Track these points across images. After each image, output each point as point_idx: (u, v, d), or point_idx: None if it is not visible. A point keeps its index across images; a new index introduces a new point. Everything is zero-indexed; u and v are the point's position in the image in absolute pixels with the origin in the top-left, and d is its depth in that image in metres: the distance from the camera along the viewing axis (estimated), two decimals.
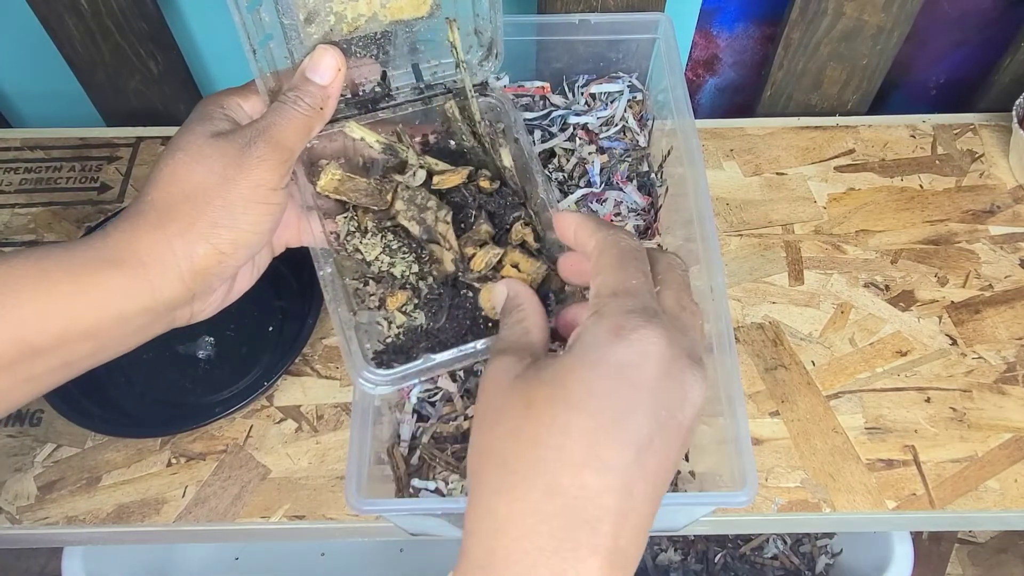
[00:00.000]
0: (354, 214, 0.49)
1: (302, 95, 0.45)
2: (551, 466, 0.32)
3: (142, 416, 0.66)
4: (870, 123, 0.81)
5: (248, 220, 0.42)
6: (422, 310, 0.47)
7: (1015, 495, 0.61)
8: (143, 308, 0.41)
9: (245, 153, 0.42)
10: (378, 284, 0.47)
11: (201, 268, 0.42)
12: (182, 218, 0.41)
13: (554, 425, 0.33)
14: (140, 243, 0.41)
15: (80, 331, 0.40)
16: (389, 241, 0.48)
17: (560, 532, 0.32)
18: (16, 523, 0.60)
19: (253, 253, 0.45)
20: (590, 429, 0.32)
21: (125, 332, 0.42)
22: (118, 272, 0.40)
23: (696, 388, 0.35)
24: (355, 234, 0.48)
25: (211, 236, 0.42)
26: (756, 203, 0.76)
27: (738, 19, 0.80)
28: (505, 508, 0.33)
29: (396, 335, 0.46)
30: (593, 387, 0.33)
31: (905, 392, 0.66)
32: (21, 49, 0.79)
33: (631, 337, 0.34)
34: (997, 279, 0.71)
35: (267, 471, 0.62)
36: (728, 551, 1.01)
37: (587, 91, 0.74)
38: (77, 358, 0.41)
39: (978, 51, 0.83)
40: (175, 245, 0.41)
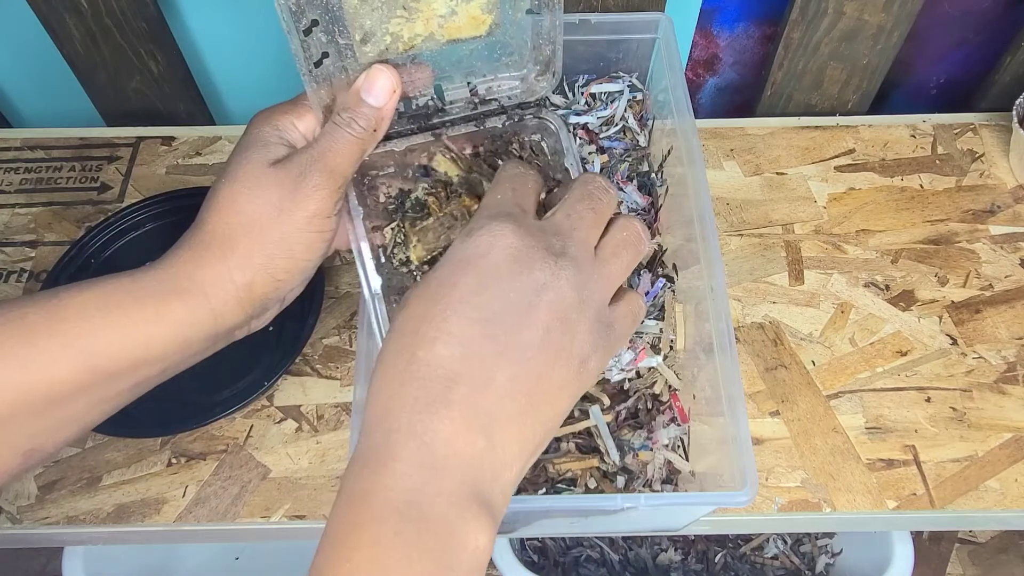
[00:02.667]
0: (401, 226, 0.49)
1: (356, 117, 0.45)
2: (411, 343, 0.38)
3: (142, 416, 0.65)
4: (870, 123, 0.81)
5: (302, 249, 0.45)
6: None
7: (1015, 495, 0.61)
8: (206, 335, 0.44)
9: (300, 184, 0.43)
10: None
11: (259, 295, 0.45)
12: (241, 250, 0.43)
13: (413, 313, 0.38)
14: (203, 274, 0.43)
15: (149, 357, 0.42)
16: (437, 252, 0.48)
17: (418, 392, 0.36)
18: (16, 523, 0.60)
19: (307, 276, 0.47)
20: (439, 310, 0.38)
21: (189, 355, 0.45)
22: (183, 302, 0.43)
23: (546, 276, 0.38)
24: (401, 246, 0.49)
25: (268, 266, 0.44)
26: (756, 203, 0.76)
27: (738, 19, 0.80)
28: (380, 381, 0.38)
29: None
30: (443, 278, 0.39)
31: (905, 392, 0.66)
32: (21, 49, 0.79)
33: (477, 234, 0.39)
34: (997, 279, 0.71)
35: (267, 471, 0.62)
36: (728, 551, 1.01)
37: (587, 91, 0.74)
38: (145, 379, 0.44)
39: (978, 51, 0.83)
40: (235, 276, 0.44)
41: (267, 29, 0.77)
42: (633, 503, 0.50)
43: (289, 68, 0.80)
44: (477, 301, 0.37)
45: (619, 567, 1.00)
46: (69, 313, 0.40)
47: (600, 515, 0.59)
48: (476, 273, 0.38)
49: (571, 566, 1.01)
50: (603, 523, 0.65)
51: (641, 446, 0.60)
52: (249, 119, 0.48)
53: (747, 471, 0.49)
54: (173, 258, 0.44)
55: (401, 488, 0.35)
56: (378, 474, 0.35)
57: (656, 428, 0.60)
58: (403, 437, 0.36)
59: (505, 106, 0.52)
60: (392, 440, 0.36)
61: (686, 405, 0.60)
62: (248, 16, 0.77)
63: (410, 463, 0.35)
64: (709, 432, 0.56)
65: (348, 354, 0.67)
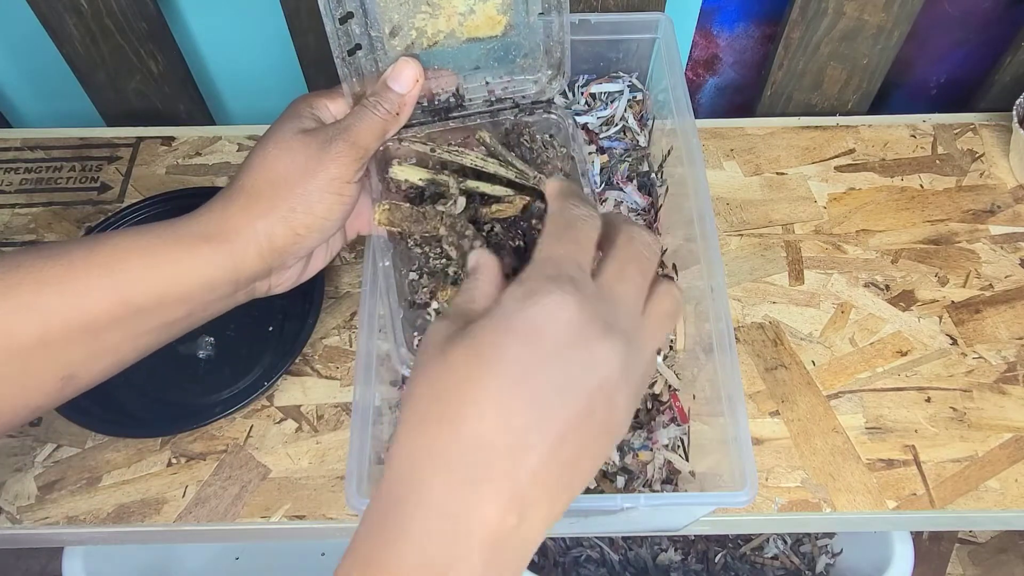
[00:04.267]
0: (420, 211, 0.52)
1: (382, 101, 0.50)
2: (451, 404, 0.35)
3: (142, 416, 0.66)
4: (870, 123, 0.81)
5: (323, 208, 0.48)
6: None
7: (1015, 495, 0.61)
8: (227, 279, 0.48)
9: (325, 149, 0.48)
10: (431, 278, 0.52)
11: (279, 247, 0.48)
12: (265, 202, 0.47)
13: (455, 368, 0.35)
14: (228, 223, 0.47)
15: (176, 295, 0.46)
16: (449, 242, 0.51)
17: (455, 462, 0.34)
18: (16, 523, 0.60)
19: (325, 237, 0.50)
20: (485, 377, 0.35)
21: (212, 299, 0.48)
22: (208, 246, 0.47)
23: (603, 355, 0.36)
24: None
25: (289, 219, 0.48)
26: (756, 203, 0.76)
27: (738, 19, 0.80)
28: (412, 436, 0.36)
29: None
30: (494, 340, 0.35)
31: (905, 392, 0.66)
32: (21, 49, 0.79)
33: (541, 301, 0.36)
34: (997, 279, 0.71)
35: (267, 471, 0.62)
36: (728, 551, 1.01)
37: (587, 91, 0.74)
38: (174, 319, 0.48)
39: (978, 50, 0.83)
40: (257, 225, 0.47)
41: (267, 29, 0.77)
42: (633, 503, 0.50)
43: (289, 68, 0.81)
44: (528, 374, 0.35)
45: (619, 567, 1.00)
46: (106, 250, 0.45)
47: (600, 515, 0.59)
48: (531, 345, 0.35)
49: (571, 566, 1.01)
50: (603, 523, 0.65)
51: (641, 446, 0.60)
52: (248, 119, 0.51)
53: (747, 471, 0.49)
54: (204, 209, 0.48)
55: (418, 563, 0.33)
56: (398, 543, 0.34)
57: (656, 428, 0.60)
58: (433, 513, 0.34)
59: (519, 104, 0.56)
60: (418, 511, 0.34)
61: (686, 405, 0.60)
62: (248, 16, 0.77)
63: (436, 537, 0.34)
64: (709, 432, 0.56)
65: (348, 354, 0.67)
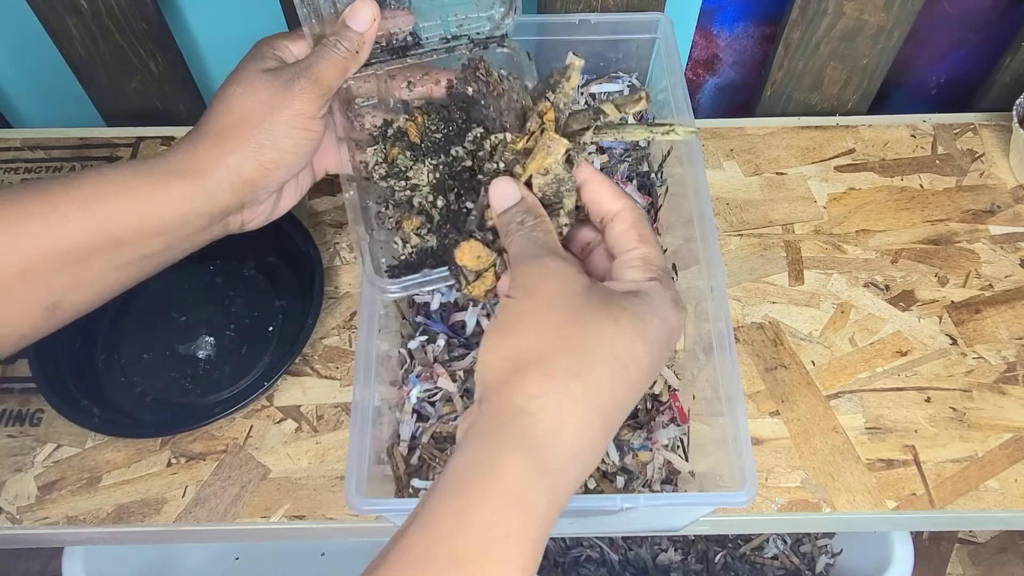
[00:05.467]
0: (383, 147, 0.54)
1: (341, 39, 0.51)
2: (615, 368, 0.38)
3: (142, 416, 0.66)
4: (870, 123, 0.81)
5: (289, 143, 0.50)
6: (434, 233, 0.52)
7: (1015, 495, 0.61)
8: (201, 212, 0.49)
9: (289, 87, 0.49)
10: (396, 208, 0.53)
11: (249, 180, 0.50)
12: (234, 139, 0.49)
13: (632, 345, 0.39)
14: (200, 159, 0.49)
15: (152, 228, 0.48)
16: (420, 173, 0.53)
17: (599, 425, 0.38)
18: (16, 523, 0.60)
19: (294, 172, 0.52)
20: (649, 363, 0.39)
21: (188, 232, 0.50)
22: (181, 181, 0.48)
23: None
24: (383, 164, 0.54)
25: (258, 154, 0.49)
26: (756, 203, 0.76)
27: (738, 19, 0.80)
28: (576, 386, 0.37)
29: (409, 254, 0.52)
30: (658, 335, 0.40)
31: (905, 392, 0.66)
32: (21, 49, 0.79)
33: (680, 311, 0.42)
34: (997, 279, 0.71)
35: (267, 471, 0.62)
36: (728, 551, 1.01)
37: (587, 91, 0.74)
38: (152, 252, 0.49)
39: (978, 50, 0.83)
40: (228, 160, 0.49)
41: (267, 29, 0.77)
42: (633, 503, 0.50)
43: None
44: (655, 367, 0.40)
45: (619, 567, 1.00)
46: (84, 185, 0.47)
47: (600, 515, 0.59)
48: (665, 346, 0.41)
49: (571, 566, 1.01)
50: (603, 523, 0.65)
51: (641, 446, 0.60)
52: None
53: (747, 471, 0.49)
54: (175, 147, 0.50)
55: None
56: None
57: (656, 428, 0.60)
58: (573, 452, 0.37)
59: (474, 40, 0.57)
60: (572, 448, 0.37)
61: (686, 405, 0.60)
62: (248, 16, 0.77)
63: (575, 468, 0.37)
64: (709, 432, 0.56)
65: (348, 354, 0.67)
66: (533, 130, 0.47)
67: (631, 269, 0.43)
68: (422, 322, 0.65)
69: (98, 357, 0.68)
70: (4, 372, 0.67)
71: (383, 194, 0.54)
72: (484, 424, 0.37)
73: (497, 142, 0.50)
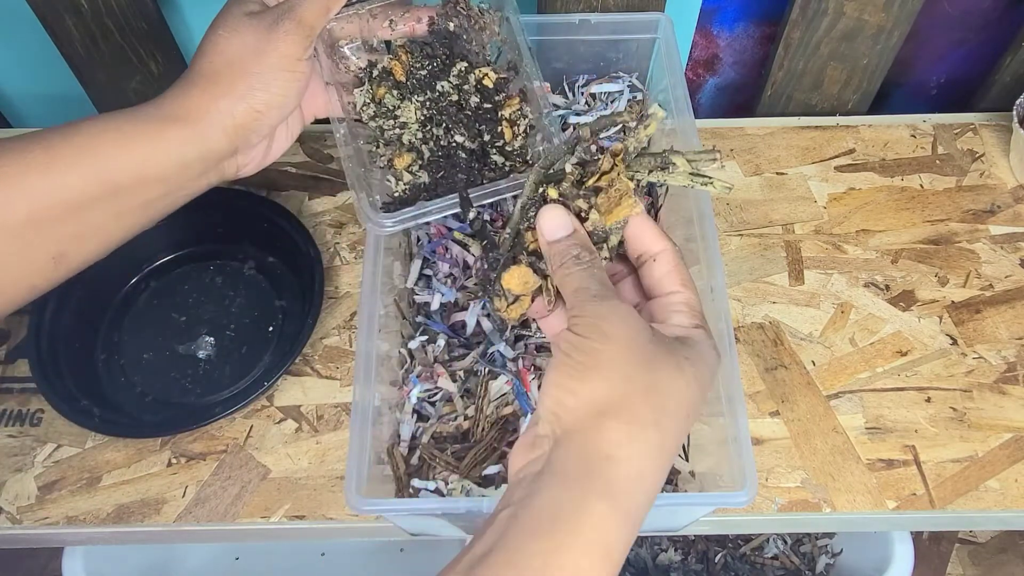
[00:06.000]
0: (370, 87, 0.55)
1: None
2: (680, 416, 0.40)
3: (142, 416, 0.66)
4: (870, 123, 0.81)
5: (278, 85, 0.50)
6: (426, 170, 0.53)
7: (1015, 495, 0.61)
8: (197, 156, 0.50)
9: (273, 29, 0.50)
10: (387, 147, 0.54)
11: (241, 123, 0.50)
12: (224, 83, 0.50)
13: (693, 394, 0.40)
14: (192, 104, 0.50)
15: (152, 175, 0.49)
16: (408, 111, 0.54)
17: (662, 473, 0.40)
18: (16, 523, 0.60)
19: (284, 114, 0.52)
20: (700, 407, 0.41)
21: (187, 177, 0.51)
22: (176, 126, 0.49)
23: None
24: (371, 104, 0.54)
25: (248, 97, 0.50)
26: (756, 203, 0.76)
27: (738, 19, 0.80)
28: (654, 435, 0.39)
29: (403, 191, 0.53)
30: (707, 381, 0.42)
31: (905, 392, 0.66)
32: (21, 49, 0.79)
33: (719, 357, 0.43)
34: (997, 279, 0.71)
35: (267, 471, 0.62)
36: (728, 551, 1.01)
37: (587, 91, 0.74)
38: (153, 198, 0.50)
39: (978, 50, 0.83)
40: (220, 104, 0.50)
41: None
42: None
43: None
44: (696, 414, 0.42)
45: None
46: (83, 134, 0.48)
47: None
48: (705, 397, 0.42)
49: None
50: None
51: None
52: None
53: (747, 471, 0.49)
54: (167, 94, 0.50)
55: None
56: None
57: None
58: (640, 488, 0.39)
59: None
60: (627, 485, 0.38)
61: None
62: None
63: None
64: (709, 432, 0.56)
65: (348, 354, 0.67)
66: (605, 170, 0.46)
67: (678, 314, 0.44)
68: (422, 322, 0.65)
69: (98, 357, 0.68)
70: (4, 372, 0.67)
71: (373, 134, 0.55)
72: (568, 466, 0.38)
73: (484, 75, 0.53)
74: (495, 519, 0.37)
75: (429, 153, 0.53)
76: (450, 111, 0.54)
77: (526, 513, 0.37)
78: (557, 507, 0.36)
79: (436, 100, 0.54)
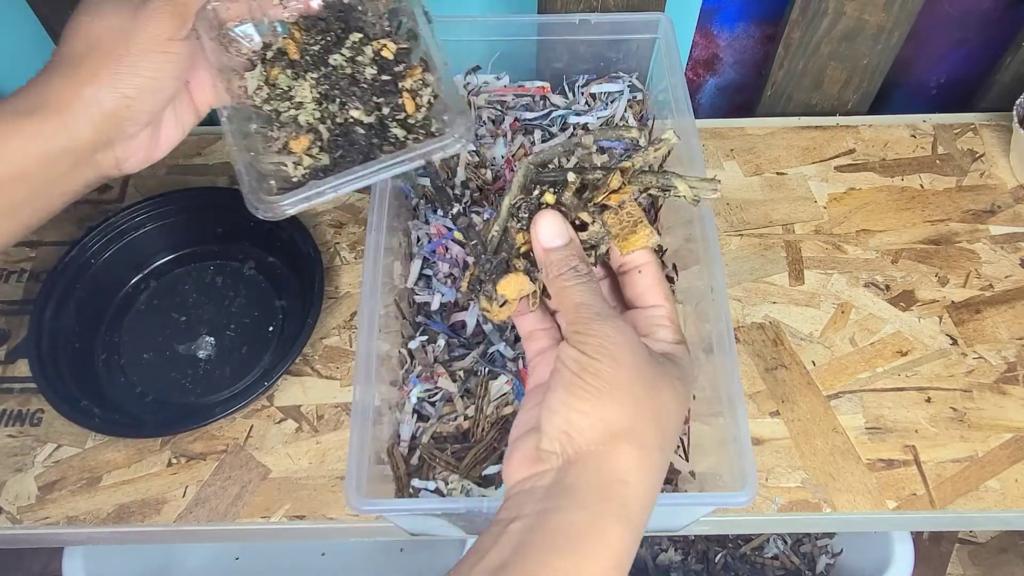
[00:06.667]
0: (263, 69, 0.52)
1: None
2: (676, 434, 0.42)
3: (142, 416, 0.66)
4: (870, 123, 0.81)
5: (149, 68, 0.47)
6: (326, 151, 0.50)
7: (1016, 495, 0.61)
8: (63, 149, 0.46)
9: (141, 8, 0.47)
10: (282, 129, 0.51)
11: (110, 111, 0.47)
12: (87, 67, 0.46)
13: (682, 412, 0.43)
14: (52, 92, 0.46)
15: (11, 174, 0.45)
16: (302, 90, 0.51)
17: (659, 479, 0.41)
18: (17, 523, 0.60)
19: (160, 99, 0.49)
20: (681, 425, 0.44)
21: (54, 174, 0.47)
22: (36, 118, 0.46)
23: None
24: (264, 87, 0.52)
25: (115, 82, 0.46)
26: (756, 203, 0.76)
27: (738, 19, 0.80)
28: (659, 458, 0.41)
29: (303, 175, 0.50)
30: (689, 397, 0.44)
31: (905, 392, 0.66)
32: (21, 50, 0.79)
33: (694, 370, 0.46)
34: (997, 279, 0.71)
35: (267, 471, 0.62)
36: (728, 551, 1.01)
37: (587, 91, 0.74)
38: (18, 201, 0.46)
39: (979, 50, 0.83)
40: (84, 92, 0.46)
41: None
42: None
43: None
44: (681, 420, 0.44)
45: None
46: None
47: None
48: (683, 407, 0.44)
49: None
50: None
51: None
52: None
53: (747, 471, 0.49)
54: (26, 86, 0.48)
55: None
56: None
57: None
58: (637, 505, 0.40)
59: None
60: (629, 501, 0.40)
61: None
62: None
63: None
64: (709, 432, 0.56)
65: (348, 354, 0.67)
66: (613, 188, 0.46)
67: (663, 329, 0.45)
68: (422, 322, 0.65)
69: (98, 357, 0.68)
70: (4, 372, 0.67)
71: (268, 118, 0.52)
72: (585, 487, 0.39)
73: (382, 46, 0.51)
74: (506, 530, 0.38)
75: (328, 133, 0.51)
76: (343, 85, 0.51)
77: (544, 530, 0.38)
78: (576, 527, 0.37)
79: (329, 75, 0.51)
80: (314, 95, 0.51)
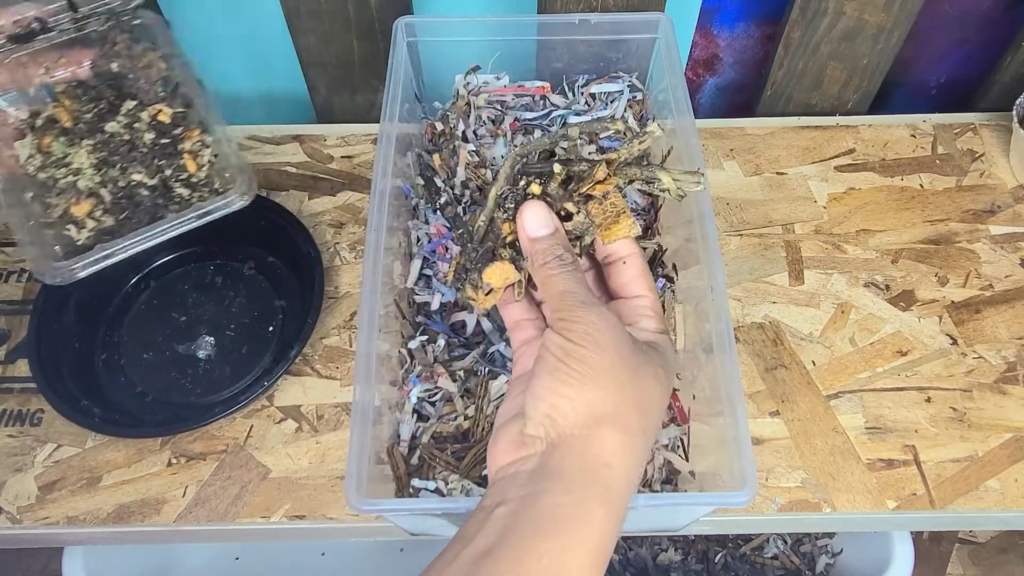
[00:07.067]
0: (34, 137, 0.53)
1: None
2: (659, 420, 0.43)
3: (142, 416, 0.66)
4: (870, 123, 0.81)
5: None
6: (110, 213, 0.52)
7: (1015, 495, 0.61)
8: None
9: None
10: (60, 196, 0.52)
11: None
12: None
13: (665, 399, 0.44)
14: None
15: None
16: (79, 156, 0.53)
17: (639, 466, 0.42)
18: (17, 523, 0.60)
19: None
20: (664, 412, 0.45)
21: None
22: None
23: None
24: (36, 155, 0.53)
25: None
26: (756, 203, 0.76)
27: (738, 19, 0.80)
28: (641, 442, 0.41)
29: (87, 238, 0.52)
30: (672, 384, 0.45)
31: (905, 392, 0.66)
32: None
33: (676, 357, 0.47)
34: (997, 279, 0.71)
35: (267, 471, 0.62)
36: (728, 551, 1.01)
37: (587, 91, 0.74)
38: None
39: (979, 50, 0.83)
40: None
41: (267, 29, 0.77)
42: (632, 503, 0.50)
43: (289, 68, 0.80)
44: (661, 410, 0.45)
45: (619, 567, 1.00)
46: None
47: None
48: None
49: None
50: None
51: None
52: (248, 119, 0.51)
53: (747, 471, 0.49)
54: None
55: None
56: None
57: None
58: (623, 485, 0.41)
59: (106, 14, 0.56)
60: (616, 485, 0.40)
61: (686, 405, 0.60)
62: (248, 17, 0.77)
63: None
64: (709, 432, 0.56)
65: (348, 354, 0.67)
66: (599, 179, 0.46)
67: (646, 319, 0.45)
68: (422, 322, 0.65)
69: (98, 357, 0.68)
70: (4, 372, 0.67)
71: (44, 184, 0.53)
72: (570, 470, 0.39)
73: (158, 111, 0.53)
74: (491, 515, 0.38)
75: (111, 196, 0.53)
76: (122, 151, 0.53)
77: (529, 514, 0.38)
78: (561, 510, 0.38)
79: (107, 142, 0.53)
80: (92, 161, 0.53)
